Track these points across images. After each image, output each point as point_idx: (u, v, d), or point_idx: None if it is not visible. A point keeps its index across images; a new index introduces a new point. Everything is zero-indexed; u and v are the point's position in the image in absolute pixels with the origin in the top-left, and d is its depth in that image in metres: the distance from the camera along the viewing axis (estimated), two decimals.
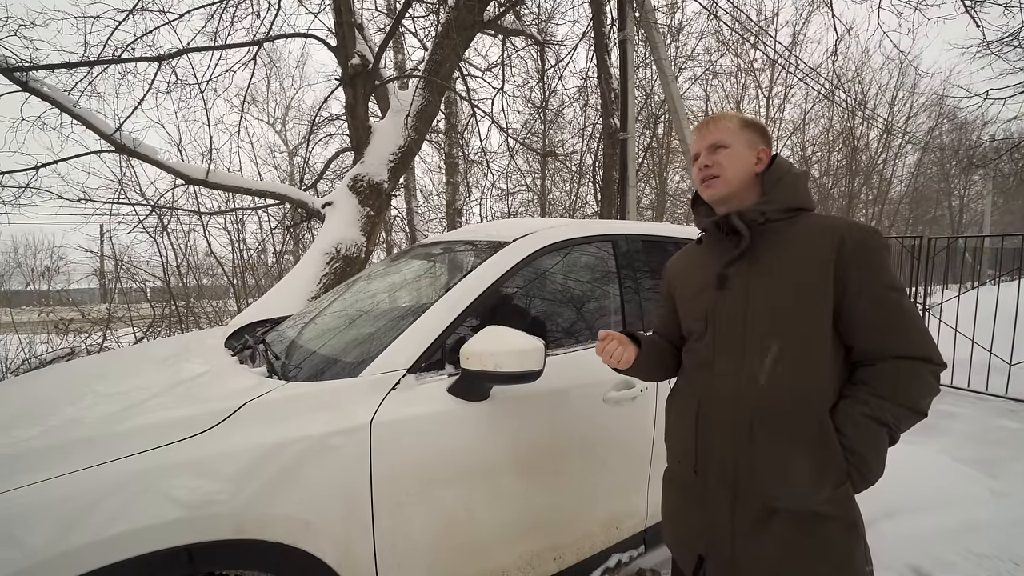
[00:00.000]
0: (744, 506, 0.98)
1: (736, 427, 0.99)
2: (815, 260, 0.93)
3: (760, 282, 0.98)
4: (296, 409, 1.15)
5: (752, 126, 1.06)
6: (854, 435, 0.90)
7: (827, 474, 0.92)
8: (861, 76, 13.55)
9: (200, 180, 4.23)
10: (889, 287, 0.93)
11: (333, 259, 4.26)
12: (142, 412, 1.14)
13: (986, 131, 14.77)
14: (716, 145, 1.04)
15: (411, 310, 1.55)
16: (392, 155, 4.79)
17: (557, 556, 1.50)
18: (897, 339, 0.91)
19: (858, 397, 0.92)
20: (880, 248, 0.94)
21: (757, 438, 0.96)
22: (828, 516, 0.93)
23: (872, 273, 0.92)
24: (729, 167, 1.03)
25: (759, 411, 0.96)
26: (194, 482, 0.98)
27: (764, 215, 0.99)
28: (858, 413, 0.90)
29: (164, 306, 6.25)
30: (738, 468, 0.98)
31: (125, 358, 1.78)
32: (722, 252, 1.04)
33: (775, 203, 1.00)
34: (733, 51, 9.48)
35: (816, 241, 0.95)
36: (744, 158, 1.03)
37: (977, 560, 1.99)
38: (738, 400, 0.99)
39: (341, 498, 1.12)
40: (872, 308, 0.92)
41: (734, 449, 0.99)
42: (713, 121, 1.07)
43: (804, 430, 0.93)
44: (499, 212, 9.74)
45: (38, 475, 0.91)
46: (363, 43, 4.54)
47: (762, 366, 0.96)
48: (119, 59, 3.84)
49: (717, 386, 1.02)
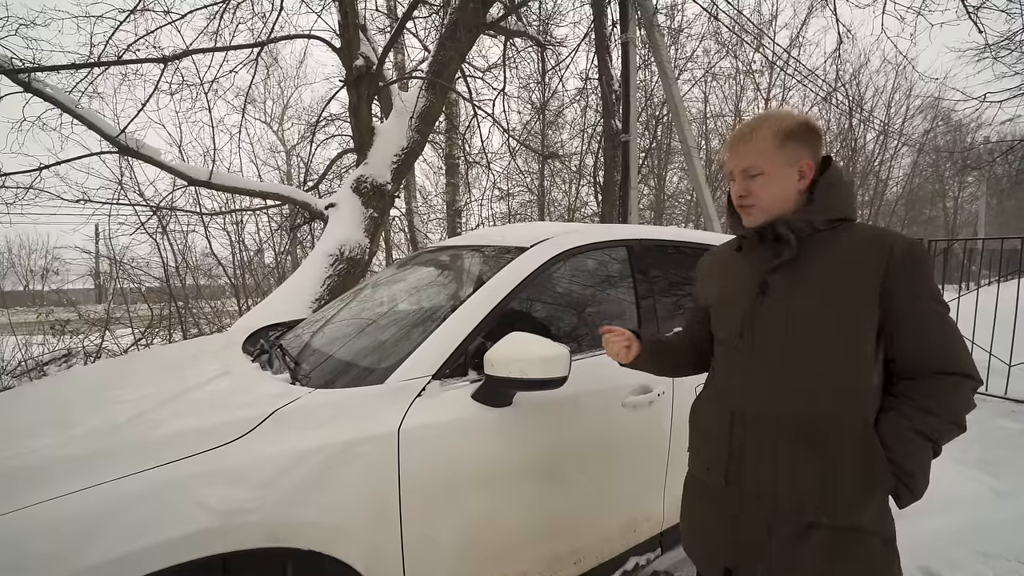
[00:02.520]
0: (782, 520, 0.95)
1: (776, 438, 0.96)
2: (862, 271, 0.91)
3: (803, 291, 0.95)
4: (324, 416, 1.15)
5: (793, 136, 0.96)
6: (902, 450, 0.89)
7: (874, 489, 0.90)
8: (858, 79, 13.67)
9: (203, 181, 4.21)
10: (935, 301, 0.91)
11: (337, 261, 4.25)
12: (169, 420, 1.14)
13: (980, 133, 15.00)
14: (750, 172, 0.98)
15: (431, 316, 1.55)
16: (395, 156, 4.79)
17: (577, 560, 1.51)
18: (942, 355, 0.90)
19: (904, 412, 0.90)
20: (926, 263, 0.92)
21: (798, 451, 0.94)
22: (869, 531, 0.92)
23: (919, 287, 0.90)
24: (765, 196, 0.98)
25: (800, 423, 0.94)
26: (226, 491, 0.98)
27: (812, 226, 0.95)
28: (905, 428, 0.89)
29: (163, 307, 6.22)
30: (777, 481, 0.95)
31: (144, 363, 1.77)
32: (763, 258, 1.00)
33: (822, 213, 0.95)
34: (732, 53, 9.55)
35: (864, 252, 0.92)
36: (783, 181, 0.97)
37: (984, 560, 2.02)
38: (778, 410, 0.96)
39: (370, 505, 1.13)
40: (919, 323, 0.90)
41: (773, 461, 0.96)
42: (746, 140, 0.99)
43: (848, 443, 0.91)
44: (500, 213, 9.75)
45: (65, 486, 0.90)
46: (367, 44, 4.54)
47: (804, 376, 0.94)
48: (124, 60, 3.82)
49: (755, 395, 0.99)
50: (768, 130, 0.97)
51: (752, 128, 0.99)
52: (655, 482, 1.68)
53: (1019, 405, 4.02)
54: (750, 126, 1.00)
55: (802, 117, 0.99)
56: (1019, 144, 7.83)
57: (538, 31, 7.18)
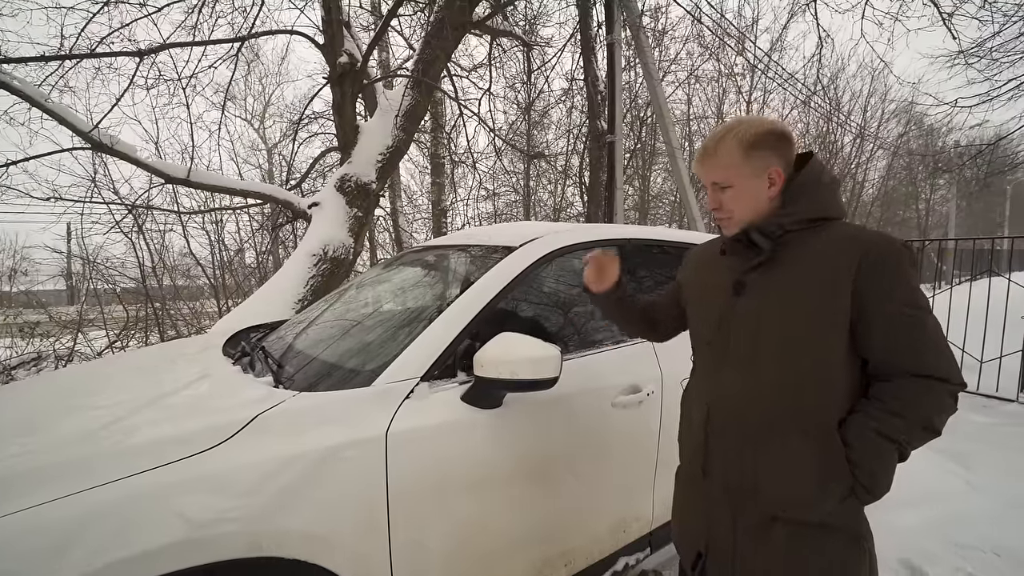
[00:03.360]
0: (747, 511, 0.99)
1: (744, 432, 0.99)
2: (834, 272, 0.91)
3: (777, 291, 0.97)
4: (310, 420, 1.12)
5: (759, 144, 0.96)
6: (861, 449, 0.89)
7: (832, 486, 0.91)
8: (836, 83, 14.00)
9: (181, 179, 4.10)
10: (908, 304, 0.90)
11: (320, 261, 4.18)
12: (145, 426, 1.09)
13: (951, 137, 15.49)
14: (718, 185, 1.01)
15: (418, 317, 1.53)
16: (380, 155, 4.73)
17: (568, 562, 1.50)
18: (913, 357, 0.90)
19: (870, 412, 0.90)
20: (902, 264, 0.90)
21: (763, 445, 0.97)
22: (831, 527, 0.94)
23: (891, 290, 0.89)
24: (737, 208, 1.00)
25: (768, 418, 0.96)
26: (207, 499, 0.95)
27: (783, 227, 0.97)
28: (868, 428, 0.89)
29: (138, 308, 6.04)
30: (743, 474, 0.99)
31: (119, 367, 1.71)
32: (741, 260, 1.04)
33: (795, 215, 0.97)
34: (715, 56, 9.68)
35: (838, 253, 0.92)
36: (752, 191, 0.99)
37: (960, 551, 2.07)
38: (747, 406, 0.99)
39: (358, 511, 1.10)
40: (890, 323, 0.90)
41: (740, 454, 0.99)
42: (711, 154, 1.00)
43: (811, 441, 0.93)
44: (486, 213, 9.72)
45: (34, 497, 0.86)
46: (351, 41, 4.47)
47: (773, 374, 0.96)
48: (98, 53, 3.69)
49: (728, 390, 1.02)
50: (733, 141, 0.97)
51: (717, 141, 1.00)
52: (644, 482, 1.68)
53: (990, 400, 4.15)
54: (715, 139, 1.00)
55: (767, 124, 0.99)
56: (987, 148, 8.10)
57: (524, 31, 7.18)
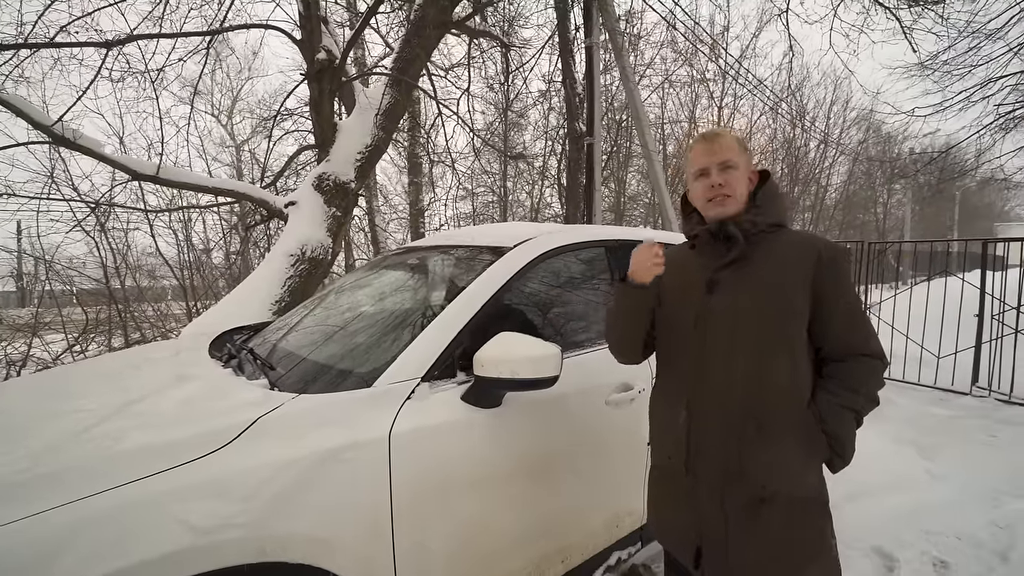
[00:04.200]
0: (735, 496, 1.05)
1: (727, 423, 1.05)
2: (797, 270, 1.04)
3: (748, 286, 1.06)
4: (311, 423, 1.10)
5: (745, 148, 1.14)
6: (834, 422, 1.02)
7: (814, 459, 1.05)
8: (801, 91, 14.57)
9: (150, 176, 3.94)
10: (854, 297, 1.08)
11: (298, 261, 4.09)
12: (138, 431, 1.05)
13: (906, 145, 16.35)
14: (727, 164, 1.09)
15: (414, 317, 1.52)
16: (359, 154, 4.66)
17: (564, 558, 1.52)
18: (860, 341, 1.06)
19: (833, 390, 1.04)
20: (847, 263, 1.11)
21: (749, 432, 1.03)
22: (810, 498, 1.06)
23: (841, 285, 1.05)
24: (738, 187, 1.10)
25: (748, 407, 1.04)
26: (211, 505, 0.92)
27: (756, 225, 1.08)
28: (835, 403, 1.03)
29: (99, 310, 5.76)
30: (728, 461, 1.05)
31: (98, 370, 1.63)
32: (714, 256, 1.11)
33: (766, 216, 1.09)
34: (688, 62, 9.94)
35: (798, 253, 1.05)
36: (744, 179, 1.11)
37: (928, 537, 2.19)
38: (728, 398, 1.05)
39: (361, 513, 1.09)
40: (841, 314, 1.05)
41: (724, 445, 1.06)
42: (720, 137, 1.12)
43: (791, 421, 1.03)
44: (464, 213, 9.68)
45: (22, 509, 0.82)
46: (329, 37, 4.39)
47: (751, 366, 1.04)
48: (62, 43, 3.51)
49: (707, 385, 1.08)
50: (733, 136, 1.13)
51: (722, 131, 1.14)
52: (636, 477, 1.71)
53: (947, 393, 4.39)
54: (719, 130, 1.17)
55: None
56: (940, 156, 8.57)
57: (502, 32, 7.19)
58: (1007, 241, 4.51)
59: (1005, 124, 6.55)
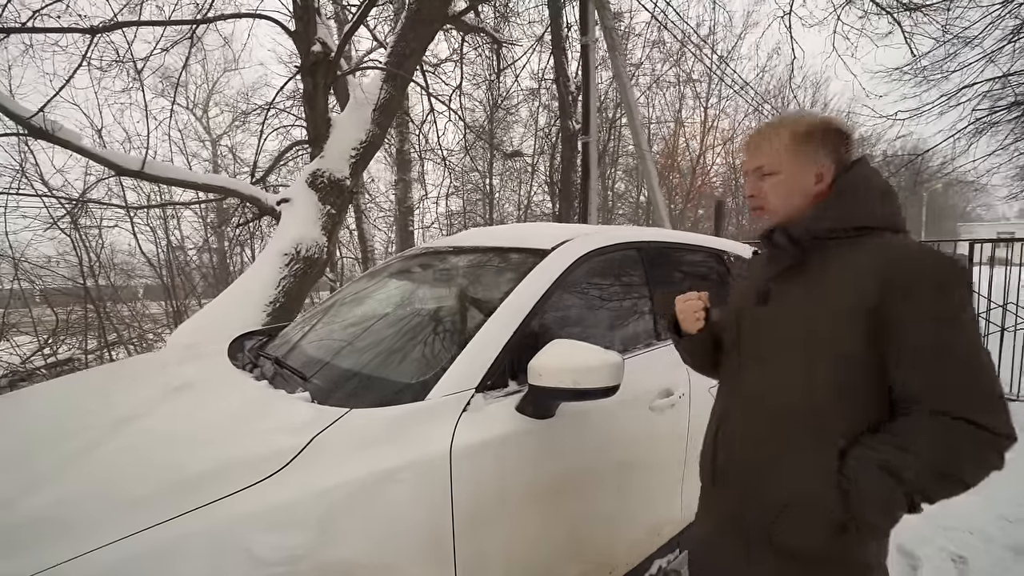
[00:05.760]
0: (750, 531, 0.93)
1: (747, 447, 0.94)
2: (852, 292, 0.81)
3: (799, 302, 0.89)
4: (369, 440, 1.03)
5: (813, 137, 0.90)
6: (857, 480, 0.78)
7: (821, 514, 0.83)
8: (783, 93, 14.90)
9: (135, 171, 3.72)
10: (945, 330, 0.76)
11: (293, 260, 3.94)
12: (190, 454, 0.96)
13: (879, 148, 16.90)
14: (760, 171, 0.94)
15: (456, 322, 1.45)
16: (354, 150, 4.52)
17: (611, 570, 1.48)
18: (942, 392, 0.76)
19: (873, 444, 0.79)
20: (944, 285, 0.77)
21: (763, 466, 0.91)
22: (831, 559, 0.85)
23: (923, 317, 0.77)
24: (775, 197, 0.93)
25: (771, 437, 0.90)
26: (273, 536, 0.84)
27: (811, 233, 0.88)
28: (868, 458, 0.78)
29: (70, 311, 5.47)
30: (745, 487, 0.93)
31: (110, 383, 1.50)
32: (772, 265, 0.96)
33: (828, 220, 0.88)
34: (675, 62, 10.03)
35: (862, 269, 0.82)
36: (797, 183, 0.91)
37: (944, 533, 2.24)
38: (751, 422, 0.94)
39: (424, 534, 1.02)
40: (915, 355, 0.78)
41: (743, 470, 0.94)
42: (761, 138, 0.95)
43: (807, 465, 0.85)
44: (455, 211, 9.57)
45: (79, 544, 0.73)
46: (325, 28, 4.25)
47: (779, 391, 0.89)
48: (42, 28, 3.28)
49: (738, 403, 0.97)
50: (786, 130, 0.92)
51: (771, 127, 0.95)
52: (675, 484, 1.69)
53: None
54: (769, 125, 0.96)
55: (824, 117, 0.94)
56: (918, 158, 8.88)
57: (493, 28, 7.11)
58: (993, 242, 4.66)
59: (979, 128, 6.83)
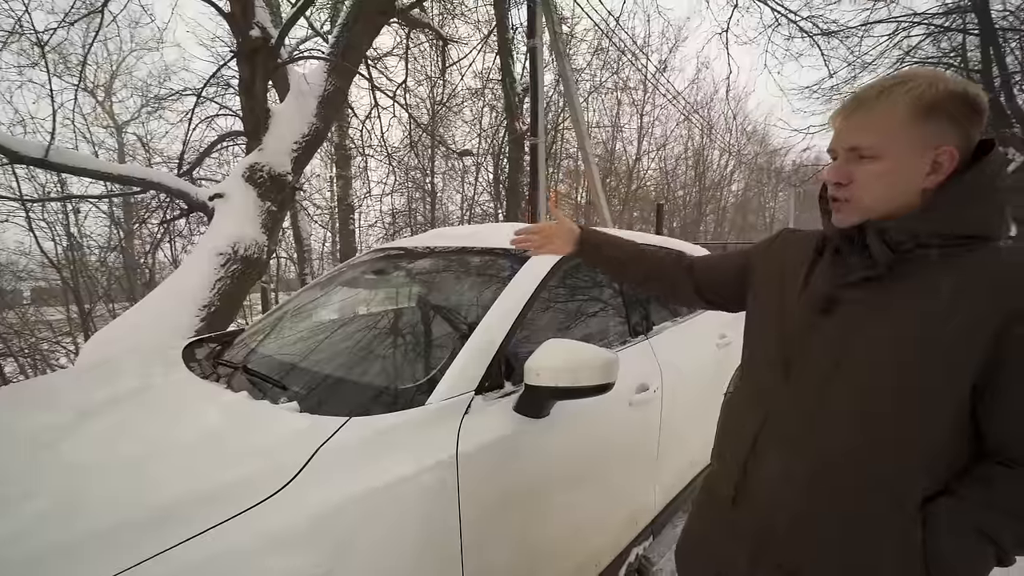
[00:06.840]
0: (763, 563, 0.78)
1: (790, 478, 0.75)
2: (969, 313, 0.63)
3: (877, 322, 0.69)
4: (375, 449, 0.98)
5: (939, 110, 0.65)
6: (949, 546, 0.65)
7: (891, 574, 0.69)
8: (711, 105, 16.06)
9: (36, 159, 3.27)
10: None
11: (230, 260, 3.66)
12: (179, 474, 0.86)
13: (788, 158, 18.68)
14: (857, 151, 0.69)
15: (446, 323, 1.42)
16: (296, 143, 4.29)
17: (597, 562, 1.52)
18: None
19: (973, 501, 0.65)
20: None
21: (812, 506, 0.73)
22: None
23: None
24: (868, 191, 0.69)
25: (825, 474, 0.72)
26: (286, 558, 0.78)
27: (916, 238, 0.67)
28: (967, 521, 0.65)
29: None
30: (772, 517, 0.77)
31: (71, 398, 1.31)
32: (845, 265, 0.74)
33: (936, 224, 0.67)
34: (615, 71, 10.45)
35: (982, 289, 0.64)
36: (905, 172, 0.67)
37: None
38: (799, 452, 0.75)
39: (434, 540, 0.99)
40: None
41: (776, 496, 0.77)
42: (868, 106, 0.68)
43: (877, 516, 0.69)
44: (400, 209, 9.31)
45: None
46: (264, 12, 3.97)
47: (841, 427, 0.71)
48: None
49: (779, 428, 0.78)
50: (904, 97, 0.66)
51: (881, 91, 0.68)
52: (650, 474, 1.76)
53: None
54: (878, 88, 0.68)
55: (961, 84, 0.66)
56: (822, 169, 9.98)
57: (439, 25, 7.01)
58: None
59: None
